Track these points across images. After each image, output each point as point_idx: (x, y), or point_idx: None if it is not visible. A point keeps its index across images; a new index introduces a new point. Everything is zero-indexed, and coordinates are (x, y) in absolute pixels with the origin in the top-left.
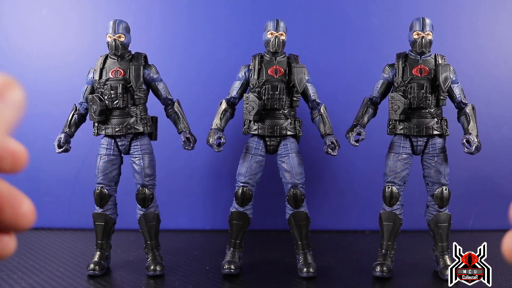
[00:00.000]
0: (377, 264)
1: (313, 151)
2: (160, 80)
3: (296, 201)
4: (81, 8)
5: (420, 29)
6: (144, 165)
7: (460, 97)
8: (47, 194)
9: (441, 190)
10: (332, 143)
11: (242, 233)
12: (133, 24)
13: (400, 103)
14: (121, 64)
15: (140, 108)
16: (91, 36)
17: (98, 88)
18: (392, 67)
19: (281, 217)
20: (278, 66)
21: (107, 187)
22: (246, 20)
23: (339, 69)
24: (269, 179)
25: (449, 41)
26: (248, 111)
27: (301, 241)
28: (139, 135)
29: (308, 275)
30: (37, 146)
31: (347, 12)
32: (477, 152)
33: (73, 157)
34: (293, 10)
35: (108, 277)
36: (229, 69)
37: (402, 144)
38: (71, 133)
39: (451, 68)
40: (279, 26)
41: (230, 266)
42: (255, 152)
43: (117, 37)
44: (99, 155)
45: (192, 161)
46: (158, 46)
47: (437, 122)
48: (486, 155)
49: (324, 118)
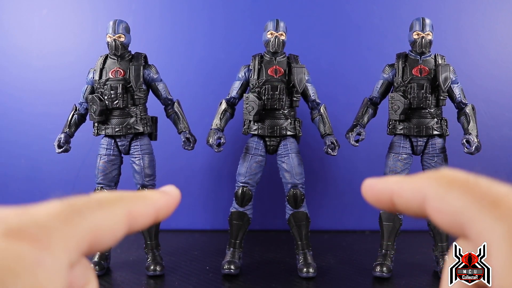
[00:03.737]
0: (377, 264)
1: (313, 151)
2: (160, 80)
3: (296, 201)
4: (81, 8)
5: (420, 29)
6: (144, 165)
7: (460, 97)
8: (47, 194)
9: None
10: (332, 143)
11: (242, 233)
12: (133, 24)
13: (400, 103)
14: (121, 64)
15: (140, 108)
16: (91, 36)
17: (98, 88)
18: (392, 67)
19: (281, 217)
20: (278, 66)
21: (107, 187)
22: (246, 20)
23: (339, 69)
24: (269, 179)
25: (449, 41)
26: (248, 111)
27: (301, 241)
28: (139, 135)
29: (308, 275)
30: (37, 146)
31: (347, 12)
32: (477, 152)
33: (73, 157)
34: (293, 10)
35: (108, 277)
36: (229, 69)
37: (402, 144)
38: (71, 133)
39: (451, 68)
40: (279, 26)
41: (230, 266)
42: (255, 152)
43: (117, 37)
44: (99, 155)
45: (192, 161)
46: (158, 46)
47: (437, 122)
48: (486, 155)
49: (324, 118)
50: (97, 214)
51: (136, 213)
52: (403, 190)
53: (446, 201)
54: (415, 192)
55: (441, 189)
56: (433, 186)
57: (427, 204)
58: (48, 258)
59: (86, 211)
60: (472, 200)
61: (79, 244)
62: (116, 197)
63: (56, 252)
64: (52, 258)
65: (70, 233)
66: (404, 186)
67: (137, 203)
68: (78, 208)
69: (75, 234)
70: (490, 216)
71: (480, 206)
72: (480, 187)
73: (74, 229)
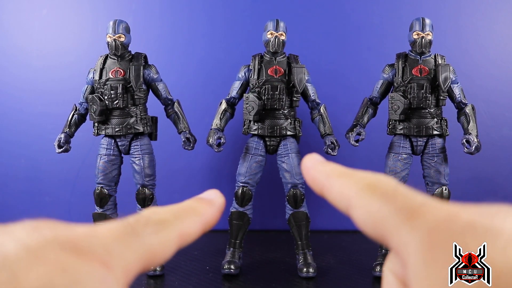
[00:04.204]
0: (377, 264)
1: (313, 151)
2: (160, 80)
3: (296, 201)
4: (81, 8)
5: (420, 29)
6: (144, 165)
7: (460, 97)
8: (47, 194)
9: (441, 190)
10: (332, 143)
11: (242, 233)
12: (133, 24)
13: (400, 103)
14: (121, 64)
15: (140, 108)
16: (91, 36)
17: (98, 88)
18: (392, 67)
19: (281, 217)
20: (278, 66)
21: (107, 187)
22: (246, 20)
23: (339, 69)
24: (269, 179)
25: (449, 41)
26: (248, 111)
27: (301, 241)
28: (139, 135)
29: (308, 275)
30: (37, 146)
31: (347, 12)
32: (477, 152)
33: (73, 157)
34: (293, 10)
35: None
36: (229, 70)
37: (402, 144)
38: (71, 133)
39: (451, 68)
40: (279, 26)
41: (230, 266)
42: (255, 152)
43: (117, 37)
44: (99, 155)
45: (192, 161)
46: (158, 46)
47: (437, 122)
48: (486, 155)
49: (324, 118)
50: (152, 237)
51: (186, 232)
52: (331, 188)
53: (367, 210)
54: (341, 195)
55: (364, 198)
56: (357, 194)
57: (351, 210)
58: (110, 279)
59: (144, 234)
60: (392, 211)
61: (135, 266)
62: (170, 217)
63: (117, 274)
64: (114, 280)
65: (129, 256)
66: (333, 185)
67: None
68: (136, 231)
69: (133, 256)
70: (407, 227)
71: (398, 218)
72: (399, 197)
73: (132, 252)
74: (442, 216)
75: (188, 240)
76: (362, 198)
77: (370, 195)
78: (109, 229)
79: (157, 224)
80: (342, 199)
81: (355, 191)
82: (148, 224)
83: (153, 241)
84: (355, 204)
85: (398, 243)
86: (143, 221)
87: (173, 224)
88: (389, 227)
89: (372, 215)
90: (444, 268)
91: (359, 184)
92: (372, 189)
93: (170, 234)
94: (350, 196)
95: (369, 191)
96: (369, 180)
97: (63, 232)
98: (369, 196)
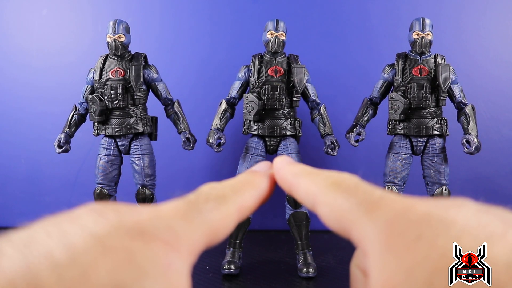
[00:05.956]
0: None
1: (313, 151)
2: (160, 80)
3: (296, 201)
4: (81, 8)
5: (420, 29)
6: (144, 165)
7: (460, 97)
8: (47, 194)
9: (441, 190)
10: (332, 143)
11: (242, 233)
12: (133, 24)
13: (400, 103)
14: (121, 64)
15: (140, 108)
16: (91, 36)
17: (98, 88)
18: (392, 67)
19: (281, 217)
20: (278, 66)
21: (107, 187)
22: (246, 20)
23: (339, 69)
24: None
25: (449, 41)
26: (248, 111)
27: (301, 241)
28: (139, 135)
29: (308, 275)
30: (37, 146)
31: (347, 12)
32: (477, 152)
33: (73, 157)
34: (293, 10)
35: None
36: (229, 70)
37: (402, 144)
38: (71, 133)
39: (451, 68)
40: (279, 26)
41: (230, 266)
42: (255, 152)
43: (117, 37)
44: (99, 155)
45: (192, 161)
46: (158, 46)
47: (437, 122)
48: (486, 155)
49: (324, 118)
50: (214, 213)
51: (245, 206)
52: (299, 187)
53: (331, 206)
54: (307, 193)
55: (328, 195)
56: (322, 191)
57: (316, 207)
58: (178, 261)
59: (205, 210)
60: (353, 205)
61: (200, 243)
62: (229, 192)
63: (183, 255)
64: (180, 260)
65: (193, 234)
66: (300, 183)
67: (246, 196)
68: (198, 208)
69: (197, 234)
70: (366, 219)
71: (359, 211)
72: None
73: (196, 230)
74: (399, 208)
75: (246, 213)
76: (326, 195)
77: (334, 192)
78: (172, 209)
79: (217, 200)
80: (308, 197)
81: (320, 189)
82: (208, 200)
83: (214, 217)
84: (320, 201)
85: (359, 235)
86: (203, 197)
87: (232, 198)
88: (350, 220)
89: (335, 210)
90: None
91: (324, 182)
92: (335, 186)
93: (230, 208)
94: (316, 193)
95: (333, 188)
96: (333, 178)
97: (128, 216)
98: (333, 193)
